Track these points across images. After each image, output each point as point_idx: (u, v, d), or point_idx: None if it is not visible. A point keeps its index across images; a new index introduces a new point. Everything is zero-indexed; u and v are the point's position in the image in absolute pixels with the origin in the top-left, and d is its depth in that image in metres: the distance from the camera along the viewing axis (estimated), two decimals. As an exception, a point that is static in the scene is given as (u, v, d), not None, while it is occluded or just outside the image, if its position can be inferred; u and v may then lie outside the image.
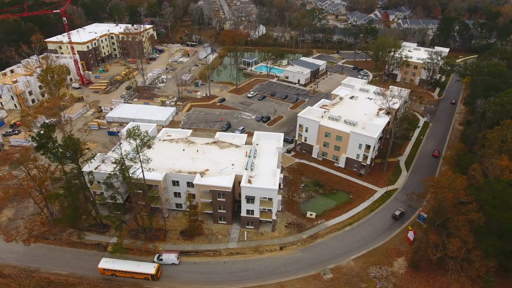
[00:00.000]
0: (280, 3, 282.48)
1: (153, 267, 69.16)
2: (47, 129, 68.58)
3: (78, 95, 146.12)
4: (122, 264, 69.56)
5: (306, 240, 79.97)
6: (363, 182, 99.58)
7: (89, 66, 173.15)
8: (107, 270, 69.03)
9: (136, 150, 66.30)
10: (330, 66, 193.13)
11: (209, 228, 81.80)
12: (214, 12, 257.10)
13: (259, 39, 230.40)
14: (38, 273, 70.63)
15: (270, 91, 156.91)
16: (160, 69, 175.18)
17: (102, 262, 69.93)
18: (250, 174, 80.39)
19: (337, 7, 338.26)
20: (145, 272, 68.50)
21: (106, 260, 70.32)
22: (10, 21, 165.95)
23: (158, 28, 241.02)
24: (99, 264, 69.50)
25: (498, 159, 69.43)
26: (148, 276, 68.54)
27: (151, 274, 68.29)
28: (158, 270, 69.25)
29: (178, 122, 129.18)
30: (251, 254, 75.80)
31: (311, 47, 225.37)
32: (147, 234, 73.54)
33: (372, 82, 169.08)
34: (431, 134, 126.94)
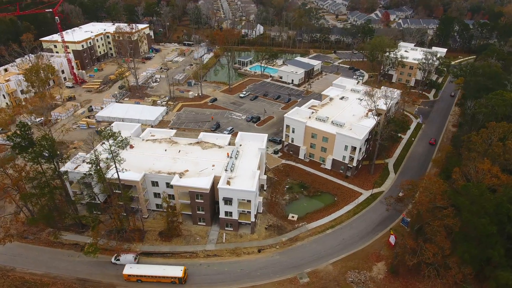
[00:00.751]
0: (279, 2, 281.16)
1: (180, 270, 67.56)
2: (23, 129, 68.33)
3: (71, 94, 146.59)
4: (147, 269, 68.27)
5: (286, 243, 78.93)
6: (349, 184, 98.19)
7: (84, 65, 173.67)
8: (132, 276, 67.31)
9: (109, 151, 65.72)
10: (326, 66, 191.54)
11: (188, 229, 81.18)
12: (211, 11, 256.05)
13: (256, 39, 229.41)
14: (13, 272, 70.59)
15: (263, 91, 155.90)
16: (154, 69, 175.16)
17: (127, 268, 68.12)
18: (229, 175, 79.58)
19: (338, 6, 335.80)
20: (173, 275, 67.09)
21: (131, 266, 68.70)
22: (6, 20, 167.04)
23: (156, 28, 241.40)
24: (123, 270, 67.70)
25: (480, 162, 67.68)
26: (175, 279, 67.20)
27: (178, 277, 66.94)
28: (185, 273, 68.04)
29: (168, 121, 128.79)
30: (228, 257, 74.99)
31: (308, 47, 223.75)
32: (122, 234, 73.01)
33: (368, 83, 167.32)
34: (423, 136, 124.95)
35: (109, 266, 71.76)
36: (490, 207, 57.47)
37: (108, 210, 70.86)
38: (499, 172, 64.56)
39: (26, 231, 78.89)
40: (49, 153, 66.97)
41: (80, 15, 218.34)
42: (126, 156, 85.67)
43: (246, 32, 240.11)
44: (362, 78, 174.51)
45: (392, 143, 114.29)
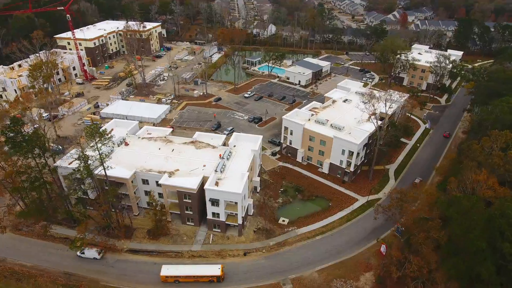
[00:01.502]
0: (293, 2, 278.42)
1: (218, 269, 67.68)
2: (15, 123, 70.04)
3: (80, 90, 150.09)
4: (184, 269, 68.15)
5: (273, 247, 77.62)
6: (345, 189, 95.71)
7: (96, 62, 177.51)
8: (170, 277, 67.11)
9: (95, 148, 66.40)
10: (336, 67, 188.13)
11: (177, 228, 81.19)
12: (224, 11, 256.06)
13: (267, 39, 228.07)
14: (4, 263, 72.55)
15: (268, 92, 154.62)
16: (162, 67, 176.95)
17: (164, 269, 67.62)
18: (219, 176, 78.94)
19: (355, 7, 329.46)
20: (211, 274, 67.13)
21: (168, 267, 68.37)
22: (23, 17, 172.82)
23: (169, 26, 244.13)
24: (161, 272, 67.28)
25: (477, 173, 64.18)
26: (213, 278, 67.15)
27: (217, 276, 66.87)
28: (223, 271, 68.01)
29: (170, 120, 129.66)
30: (213, 258, 74.46)
31: (320, 48, 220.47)
32: (109, 231, 73.74)
33: (378, 85, 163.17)
34: (430, 142, 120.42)
35: (94, 262, 72.64)
36: (481, 221, 54.26)
37: (95, 206, 71.61)
38: (496, 184, 60.93)
39: (21, 223, 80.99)
40: (40, 148, 68.29)
41: (96, 13, 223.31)
42: (121, 153, 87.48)
43: (258, 31, 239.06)
44: (372, 81, 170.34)
45: (395, 149, 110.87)
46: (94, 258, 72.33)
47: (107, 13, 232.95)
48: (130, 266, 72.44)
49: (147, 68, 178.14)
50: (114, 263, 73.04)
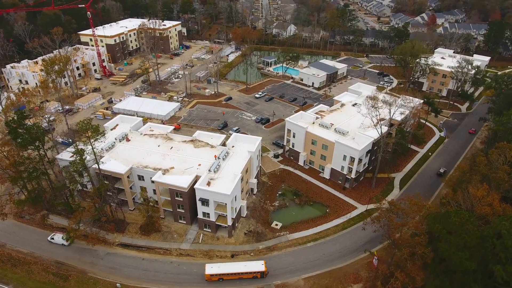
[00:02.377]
0: (315, 2, 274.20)
1: (261, 264, 68.53)
2: (20, 116, 73.17)
3: (97, 85, 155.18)
4: (229, 267, 68.82)
5: (261, 251, 76.46)
6: (345, 196, 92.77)
7: (116, 58, 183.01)
8: (214, 276, 67.57)
9: (88, 142, 68.08)
10: (354, 70, 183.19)
11: (169, 226, 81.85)
12: (244, 10, 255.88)
13: (286, 39, 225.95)
14: (3, 248, 75.98)
15: (280, 93, 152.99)
16: (178, 65, 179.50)
17: (208, 268, 68.12)
18: (212, 176, 78.77)
19: (382, 8, 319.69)
20: (255, 270, 67.86)
21: (211, 266, 68.84)
22: (51, 14, 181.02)
23: (191, 25, 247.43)
24: (205, 271, 67.81)
25: (476, 187, 59.96)
26: (257, 274, 68.05)
27: (261, 272, 67.63)
28: (266, 266, 68.87)
29: (179, 117, 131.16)
30: (200, 258, 74.39)
31: (340, 50, 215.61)
32: (99, 223, 75.39)
33: (395, 90, 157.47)
34: (443, 151, 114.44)
35: (85, 253, 74.58)
36: (472, 240, 50.53)
37: (92, 199, 73.51)
38: (496, 201, 56.59)
39: (24, 211, 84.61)
40: (38, 140, 70.97)
41: (121, 11, 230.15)
42: (121, 148, 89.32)
43: (277, 32, 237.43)
44: (389, 85, 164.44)
45: (404, 157, 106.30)
46: (62, 244, 75.13)
47: (132, 11, 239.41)
48: (119, 260, 73.81)
49: (164, 66, 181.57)
50: (104, 256, 74.72)
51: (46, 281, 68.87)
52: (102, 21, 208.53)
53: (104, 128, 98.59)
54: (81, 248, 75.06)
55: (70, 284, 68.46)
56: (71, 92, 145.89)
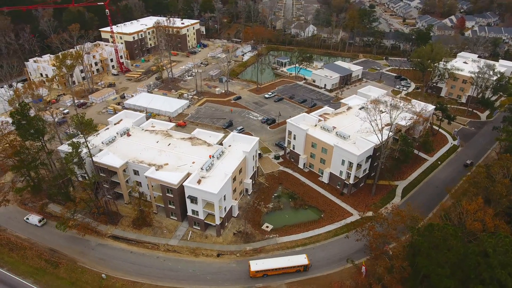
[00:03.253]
0: (338, 2, 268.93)
1: (304, 258, 69.02)
2: (23, 108, 76.54)
3: (113, 81, 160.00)
4: (273, 262, 69.16)
5: (248, 252, 75.80)
6: (341, 202, 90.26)
7: (133, 55, 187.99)
8: (259, 272, 68.21)
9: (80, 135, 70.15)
10: (370, 73, 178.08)
11: (160, 221, 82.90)
12: (264, 10, 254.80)
13: (304, 40, 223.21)
14: (4, 232, 79.82)
15: (290, 94, 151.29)
16: (193, 63, 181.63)
17: (253, 265, 68.54)
18: (204, 174, 79.04)
19: (409, 9, 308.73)
20: (299, 264, 68.58)
21: (256, 262, 69.39)
22: (75, 11, 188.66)
23: (211, 24, 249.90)
24: (251, 268, 68.37)
25: (469, 201, 56.41)
26: (300, 268, 68.89)
27: (304, 265, 68.18)
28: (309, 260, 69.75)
29: (186, 115, 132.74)
30: (186, 255, 74.83)
31: (359, 51, 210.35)
32: (96, 215, 77.52)
33: (411, 94, 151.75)
34: (454, 160, 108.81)
35: (78, 242, 76.97)
36: (454, 256, 47.50)
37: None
38: (488, 216, 52.95)
39: (27, 199, 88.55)
40: (37, 132, 73.99)
41: (143, 9, 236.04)
42: (121, 142, 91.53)
43: (296, 32, 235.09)
44: (406, 89, 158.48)
45: (411, 164, 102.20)
46: (35, 225, 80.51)
47: (154, 10, 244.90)
48: (108, 252, 75.63)
49: (180, 63, 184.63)
50: (95, 246, 76.82)
51: (38, 267, 71.65)
52: (125, 19, 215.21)
53: (108, 122, 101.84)
54: (74, 237, 77.50)
55: (60, 271, 70.84)
56: (88, 86, 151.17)
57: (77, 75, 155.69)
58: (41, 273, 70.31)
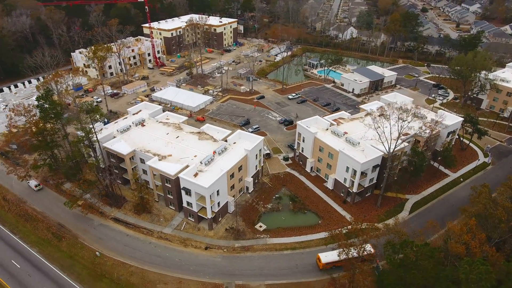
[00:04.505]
0: (385, 5, 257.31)
1: (369, 247, 66.66)
2: (47, 93, 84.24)
3: (147, 74, 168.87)
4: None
5: (235, 249, 76.33)
6: (342, 210, 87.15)
7: (171, 51, 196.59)
8: (329, 264, 69.16)
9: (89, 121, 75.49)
10: (407, 79, 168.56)
11: (160, 209, 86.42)
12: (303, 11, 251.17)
13: (342, 42, 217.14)
14: (24, 204, 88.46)
15: (315, 96, 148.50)
16: (225, 61, 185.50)
17: (323, 257, 69.66)
18: (202, 168, 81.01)
19: (465, 14, 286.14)
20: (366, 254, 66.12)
21: (326, 254, 70.26)
22: (121, 7, 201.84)
23: (253, 23, 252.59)
24: (321, 260, 69.43)
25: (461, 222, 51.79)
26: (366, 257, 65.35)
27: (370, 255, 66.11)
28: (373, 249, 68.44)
29: (207, 110, 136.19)
30: (176, 244, 77.30)
31: (399, 57, 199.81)
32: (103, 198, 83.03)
33: (447, 105, 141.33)
34: (480, 179, 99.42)
35: (83, 220, 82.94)
36: (422, 278, 44.06)
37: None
38: (474, 241, 48.24)
39: (49, 177, 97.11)
40: (56, 115, 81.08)
41: (186, 6, 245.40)
42: (134, 132, 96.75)
43: (335, 34, 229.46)
44: (442, 98, 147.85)
45: (428, 179, 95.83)
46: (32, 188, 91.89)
47: (197, 8, 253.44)
48: (108, 232, 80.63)
49: (213, 61, 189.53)
50: (97, 226, 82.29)
51: (45, 238, 78.52)
52: (168, 16, 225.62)
53: (128, 112, 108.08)
54: (81, 215, 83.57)
55: (62, 245, 77.02)
56: (123, 78, 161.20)
57: (115, 67, 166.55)
58: (46, 244, 77.00)
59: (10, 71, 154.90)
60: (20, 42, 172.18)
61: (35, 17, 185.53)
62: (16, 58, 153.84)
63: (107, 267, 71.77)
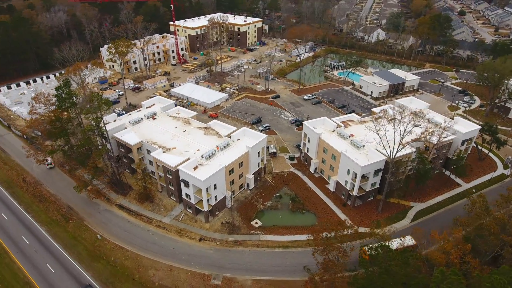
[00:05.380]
0: (417, 7, 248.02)
1: (411, 239, 70.51)
2: (65, 83, 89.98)
3: (168, 70, 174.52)
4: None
5: (228, 243, 77.76)
6: (341, 213, 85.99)
7: (194, 48, 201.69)
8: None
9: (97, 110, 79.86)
10: (431, 84, 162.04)
11: (162, 199, 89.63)
12: (328, 11, 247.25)
13: (367, 44, 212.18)
14: (40, 186, 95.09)
15: (331, 98, 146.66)
16: (246, 59, 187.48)
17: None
18: (202, 162, 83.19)
19: (506, 18, 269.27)
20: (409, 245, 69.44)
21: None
22: (151, 5, 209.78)
23: (280, 23, 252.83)
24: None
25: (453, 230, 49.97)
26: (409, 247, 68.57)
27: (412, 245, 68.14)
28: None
29: (221, 107, 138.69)
30: (172, 234, 80.00)
31: (427, 61, 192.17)
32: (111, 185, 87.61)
33: (470, 112, 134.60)
34: (494, 191, 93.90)
35: (90, 205, 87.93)
36: (392, 283, 43.15)
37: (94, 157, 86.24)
38: (456, 252, 46.36)
39: (66, 162, 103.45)
40: (71, 104, 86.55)
41: (214, 6, 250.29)
42: (145, 124, 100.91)
43: (362, 36, 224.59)
44: (467, 105, 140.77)
45: (438, 187, 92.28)
46: (46, 166, 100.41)
47: (225, 7, 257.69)
48: (111, 217, 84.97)
49: (235, 59, 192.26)
50: (102, 211, 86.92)
51: (54, 219, 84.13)
52: (195, 14, 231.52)
53: (142, 105, 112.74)
54: (89, 200, 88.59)
55: (68, 226, 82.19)
56: (146, 73, 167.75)
57: (140, 62, 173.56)
58: (54, 224, 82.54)
59: (45, 63, 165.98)
60: (56, 37, 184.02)
61: (71, 13, 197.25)
62: (50, 51, 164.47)
63: (106, 250, 75.77)
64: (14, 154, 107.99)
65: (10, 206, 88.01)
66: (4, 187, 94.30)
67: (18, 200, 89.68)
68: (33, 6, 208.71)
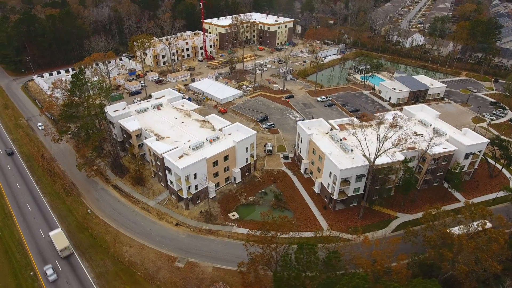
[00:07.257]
0: (465, 11, 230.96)
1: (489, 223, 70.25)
2: (80, 72, 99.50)
3: (193, 65, 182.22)
4: None
5: (201, 230, 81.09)
6: (320, 215, 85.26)
7: (223, 46, 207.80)
8: None
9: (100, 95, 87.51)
10: (462, 94, 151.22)
11: (153, 184, 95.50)
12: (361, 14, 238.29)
13: (401, 49, 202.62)
14: (53, 162, 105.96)
15: (346, 101, 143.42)
16: (269, 59, 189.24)
17: None
18: (189, 152, 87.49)
19: None
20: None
21: None
22: (188, 3, 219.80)
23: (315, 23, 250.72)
24: None
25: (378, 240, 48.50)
26: None
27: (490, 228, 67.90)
28: None
29: (233, 104, 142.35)
30: (153, 216, 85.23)
31: (466, 69, 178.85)
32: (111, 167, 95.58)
33: (497, 126, 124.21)
34: (496, 211, 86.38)
35: (90, 182, 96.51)
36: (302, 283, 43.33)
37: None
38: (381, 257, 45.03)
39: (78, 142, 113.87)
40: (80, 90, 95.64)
41: (250, 5, 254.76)
42: (150, 113, 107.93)
43: (398, 39, 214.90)
44: (494, 118, 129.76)
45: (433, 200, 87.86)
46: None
47: (261, 6, 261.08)
48: (104, 196, 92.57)
49: (261, 58, 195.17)
50: (99, 189, 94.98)
51: (57, 192, 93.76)
52: (230, 12, 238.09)
53: (152, 96, 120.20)
54: (90, 179, 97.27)
55: (67, 199, 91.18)
56: (172, 67, 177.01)
57: (168, 57, 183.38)
58: (56, 197, 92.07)
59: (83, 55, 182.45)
60: (99, 30, 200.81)
61: (114, 9, 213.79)
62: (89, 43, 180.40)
63: (92, 224, 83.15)
64: (40, 133, 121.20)
65: (25, 177, 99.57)
66: (24, 160, 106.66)
67: (32, 173, 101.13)
68: (85, 1, 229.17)
